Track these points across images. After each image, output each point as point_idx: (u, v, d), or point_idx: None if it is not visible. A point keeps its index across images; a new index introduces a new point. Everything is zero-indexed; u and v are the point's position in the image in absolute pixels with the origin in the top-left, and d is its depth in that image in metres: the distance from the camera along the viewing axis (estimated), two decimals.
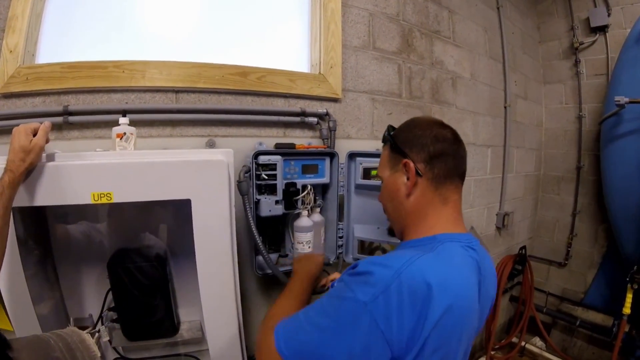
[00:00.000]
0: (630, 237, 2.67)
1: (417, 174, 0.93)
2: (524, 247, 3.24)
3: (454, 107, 2.48)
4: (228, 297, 1.19)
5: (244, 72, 1.56)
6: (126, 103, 1.40)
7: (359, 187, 1.66)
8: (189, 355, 1.43)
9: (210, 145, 1.50)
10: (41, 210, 1.18)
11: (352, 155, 1.65)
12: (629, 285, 2.51)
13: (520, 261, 3.24)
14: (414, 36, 2.17)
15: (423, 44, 2.23)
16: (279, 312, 0.98)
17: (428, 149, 0.93)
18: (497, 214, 3.07)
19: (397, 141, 0.99)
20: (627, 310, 2.52)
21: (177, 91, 1.48)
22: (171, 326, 1.36)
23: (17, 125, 0.96)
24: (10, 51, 1.26)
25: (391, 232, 1.08)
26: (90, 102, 1.36)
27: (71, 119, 1.31)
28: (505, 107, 3.00)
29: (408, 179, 0.94)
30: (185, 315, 1.42)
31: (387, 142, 1.05)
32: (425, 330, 0.72)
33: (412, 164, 0.93)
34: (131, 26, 1.46)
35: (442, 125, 1.00)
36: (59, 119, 1.29)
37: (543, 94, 3.62)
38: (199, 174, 1.07)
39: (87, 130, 1.36)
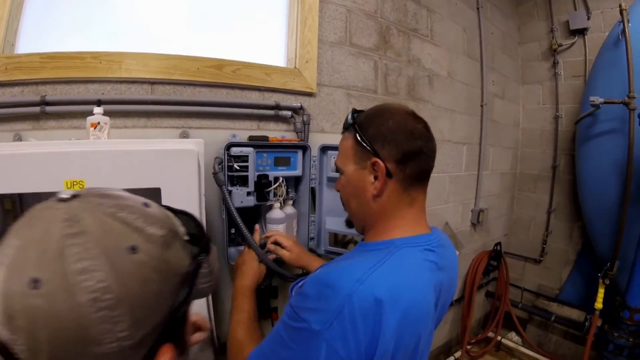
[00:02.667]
0: (604, 234, 2.74)
1: (388, 174, 0.86)
2: (499, 244, 3.31)
3: (430, 104, 2.52)
4: None
5: (219, 64, 1.57)
6: (102, 94, 1.40)
7: (330, 180, 1.68)
8: None
9: (184, 136, 1.51)
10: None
11: (325, 149, 1.67)
12: (600, 280, 2.59)
13: (495, 257, 3.31)
14: (392, 33, 2.20)
15: (400, 41, 2.26)
16: (240, 341, 1.06)
17: (402, 148, 0.86)
18: (472, 211, 3.12)
19: (366, 134, 0.89)
20: (599, 305, 2.59)
21: (152, 82, 1.48)
22: None
23: None
24: None
25: (349, 223, 1.05)
26: (67, 93, 1.36)
27: (48, 109, 1.31)
28: (482, 106, 3.04)
29: (376, 178, 0.87)
30: None
31: (349, 129, 0.95)
32: (381, 344, 0.72)
33: (382, 165, 0.85)
34: (110, 16, 1.46)
35: (415, 116, 0.92)
36: (36, 109, 1.29)
37: (521, 94, 3.69)
38: (169, 163, 1.08)
39: (63, 121, 1.36)
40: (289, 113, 1.73)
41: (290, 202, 1.66)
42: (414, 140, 0.86)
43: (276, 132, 1.74)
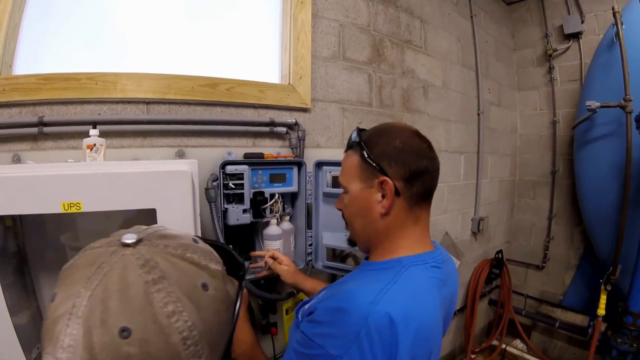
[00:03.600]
0: (605, 238, 2.72)
1: (396, 193, 0.86)
2: (500, 251, 3.29)
3: (426, 115, 2.52)
4: None
5: (213, 83, 1.58)
6: (98, 114, 1.42)
7: (326, 195, 1.69)
8: None
9: (180, 155, 1.52)
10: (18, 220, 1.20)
11: (320, 164, 1.68)
12: (602, 286, 2.56)
13: (497, 265, 3.29)
14: (385, 46, 2.21)
15: (394, 53, 2.27)
16: None
17: (409, 167, 0.86)
18: (472, 219, 3.12)
19: (373, 153, 0.89)
20: (601, 311, 2.56)
21: (148, 102, 1.50)
22: None
23: None
24: None
25: (352, 242, 1.03)
26: (64, 113, 1.38)
27: (46, 129, 1.32)
28: (478, 114, 3.05)
29: (383, 197, 0.87)
30: None
31: (354, 147, 0.95)
32: None
33: (391, 183, 0.85)
34: (105, 38, 1.48)
35: (419, 136, 0.93)
36: (34, 130, 1.31)
37: (517, 100, 3.69)
38: (163, 184, 1.08)
39: (61, 141, 1.38)
40: (284, 129, 1.74)
41: (287, 218, 1.66)
42: (420, 160, 0.87)
43: (271, 149, 1.74)
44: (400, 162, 0.86)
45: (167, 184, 1.10)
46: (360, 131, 0.95)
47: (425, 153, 0.89)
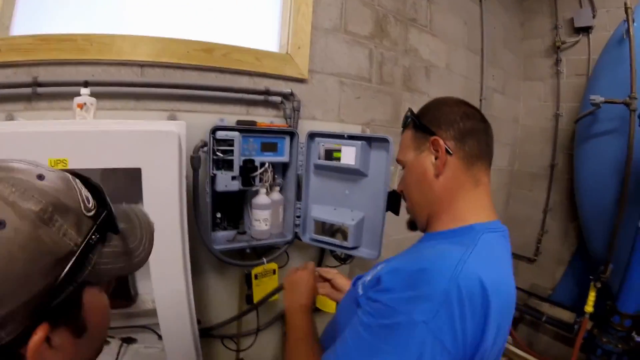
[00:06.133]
0: (599, 236, 2.70)
1: (447, 152, 0.87)
2: None
3: (426, 95, 2.48)
4: (176, 269, 1.19)
5: (209, 48, 1.56)
6: (93, 76, 1.41)
7: (318, 167, 1.67)
8: (147, 327, 1.43)
9: (172, 119, 1.50)
10: None
11: (313, 135, 1.65)
12: (592, 283, 2.55)
13: None
14: (389, 22, 2.17)
15: (397, 30, 2.23)
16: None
17: (458, 125, 0.88)
18: None
19: (424, 120, 0.93)
20: (589, 308, 2.55)
21: (142, 65, 1.49)
22: (127, 296, 1.35)
23: None
24: None
25: (412, 225, 1.00)
26: (59, 74, 1.38)
27: (40, 90, 1.32)
28: (480, 100, 3.00)
29: (436, 158, 0.88)
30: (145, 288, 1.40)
31: (407, 125, 0.99)
32: (485, 337, 0.67)
33: (441, 141, 0.87)
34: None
35: (467, 103, 0.95)
36: (28, 90, 1.31)
37: (522, 90, 3.63)
38: (149, 144, 1.08)
39: (54, 102, 1.38)
40: (279, 99, 1.73)
41: (277, 188, 1.66)
42: (468, 120, 0.89)
43: (265, 118, 1.73)
44: (449, 122, 0.88)
45: (154, 143, 1.09)
46: (411, 110, 0.99)
47: (474, 115, 0.91)
